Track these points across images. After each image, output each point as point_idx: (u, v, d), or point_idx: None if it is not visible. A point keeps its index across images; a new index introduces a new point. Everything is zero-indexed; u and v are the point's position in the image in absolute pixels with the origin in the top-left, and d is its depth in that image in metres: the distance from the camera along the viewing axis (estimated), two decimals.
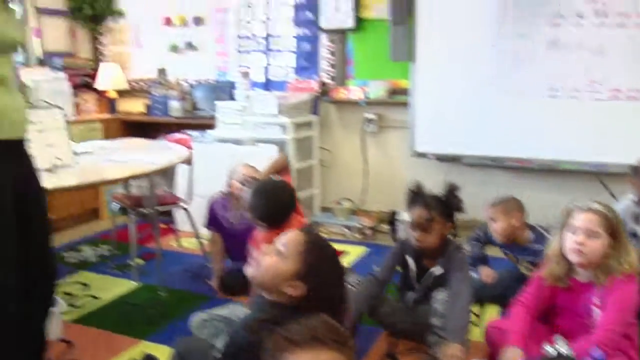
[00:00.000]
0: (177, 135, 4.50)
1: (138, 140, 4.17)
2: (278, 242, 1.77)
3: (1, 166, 1.91)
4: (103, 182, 3.06)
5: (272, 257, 1.73)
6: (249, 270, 1.75)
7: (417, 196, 2.68)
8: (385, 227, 4.58)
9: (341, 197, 4.86)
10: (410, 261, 2.69)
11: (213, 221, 3.39)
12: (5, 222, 1.92)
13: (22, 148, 2.03)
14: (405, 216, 4.62)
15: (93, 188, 4.72)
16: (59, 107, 3.23)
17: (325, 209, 4.98)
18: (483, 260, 2.99)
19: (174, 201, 3.90)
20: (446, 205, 2.63)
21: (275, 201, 2.55)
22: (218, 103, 4.82)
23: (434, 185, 2.69)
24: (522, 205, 2.83)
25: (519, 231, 2.80)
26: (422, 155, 4.56)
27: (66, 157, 3.11)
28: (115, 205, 4.04)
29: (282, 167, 2.98)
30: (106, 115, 5.42)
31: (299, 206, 2.81)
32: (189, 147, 3.91)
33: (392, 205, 4.68)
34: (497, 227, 2.80)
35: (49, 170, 2.90)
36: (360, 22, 4.72)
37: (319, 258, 1.72)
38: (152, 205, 3.46)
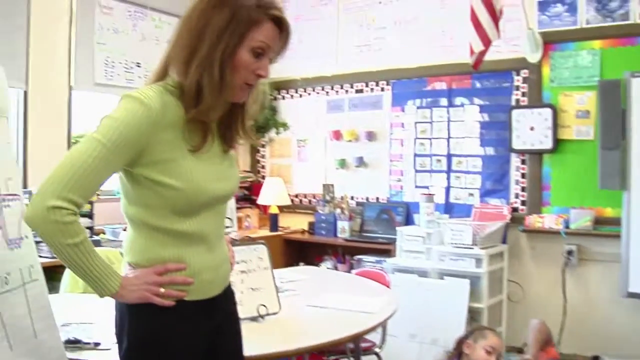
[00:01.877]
0: (368, 269, 4.09)
1: (323, 271, 3.81)
2: None
3: (188, 327, 1.62)
4: (320, 346, 2.62)
5: None
6: None
7: None
8: None
9: None
10: None
11: None
12: None
13: (216, 303, 1.71)
14: None
15: None
16: (263, 244, 2.91)
17: (512, 349, 4.40)
18: None
19: (370, 346, 3.46)
20: None
21: None
22: (399, 228, 4.43)
23: None
24: None
25: None
26: (635, 295, 3.95)
27: (272, 303, 2.74)
28: None
29: (547, 340, 2.50)
30: (267, 232, 5.13)
31: None
32: (385, 284, 3.49)
33: (592, 348, 4.09)
34: None
35: (253, 319, 2.55)
36: (559, 143, 4.27)
37: None
38: (358, 356, 3.04)
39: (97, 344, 2.10)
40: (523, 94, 4.42)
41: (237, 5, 1.52)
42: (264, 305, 2.65)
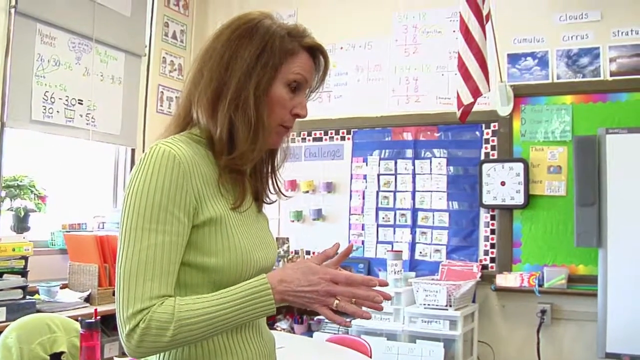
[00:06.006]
0: (337, 333, 3.76)
1: (294, 339, 3.44)
2: None
3: None
4: None
5: None
6: None
7: None
8: None
9: None
10: None
11: None
12: None
13: None
14: None
15: None
16: None
17: None
18: None
19: None
20: None
21: None
22: None
23: None
24: None
25: None
26: (614, 356, 3.80)
27: None
28: None
29: None
30: None
31: None
32: (366, 354, 3.16)
33: None
34: None
35: None
36: (531, 198, 4.13)
37: None
38: None
39: None
40: (492, 148, 4.27)
41: (268, 33, 1.27)
42: None
